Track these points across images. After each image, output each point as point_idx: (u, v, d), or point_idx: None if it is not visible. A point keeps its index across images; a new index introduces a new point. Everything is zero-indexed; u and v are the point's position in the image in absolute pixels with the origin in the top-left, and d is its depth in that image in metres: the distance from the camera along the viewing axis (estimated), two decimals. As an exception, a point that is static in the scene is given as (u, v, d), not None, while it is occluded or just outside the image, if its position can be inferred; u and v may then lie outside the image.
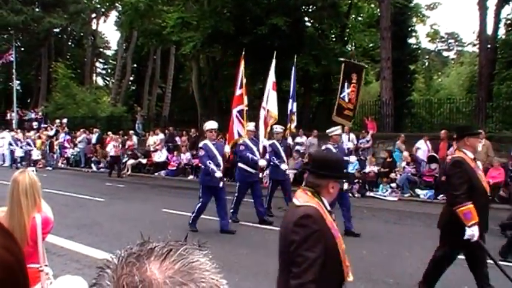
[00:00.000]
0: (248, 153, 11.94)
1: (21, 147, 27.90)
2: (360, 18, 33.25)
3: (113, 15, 46.61)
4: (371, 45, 32.81)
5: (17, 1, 43.01)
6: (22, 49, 47.86)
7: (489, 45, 24.65)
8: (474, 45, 40.21)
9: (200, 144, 11.08)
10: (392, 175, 17.36)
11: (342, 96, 11.93)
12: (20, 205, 3.80)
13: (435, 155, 17.14)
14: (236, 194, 12.08)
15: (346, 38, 31.53)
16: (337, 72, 28.54)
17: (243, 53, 12.98)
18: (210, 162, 10.44)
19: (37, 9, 45.71)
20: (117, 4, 32.93)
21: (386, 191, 16.89)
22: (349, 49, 31.45)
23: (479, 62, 25.51)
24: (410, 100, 29.43)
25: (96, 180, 22.29)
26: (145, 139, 26.94)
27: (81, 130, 29.49)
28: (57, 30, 49.28)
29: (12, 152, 27.79)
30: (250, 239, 10.14)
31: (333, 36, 30.51)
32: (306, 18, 28.49)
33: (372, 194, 17.01)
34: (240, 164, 12.12)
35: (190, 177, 22.68)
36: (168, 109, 42.23)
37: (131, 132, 27.56)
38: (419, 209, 14.29)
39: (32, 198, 3.89)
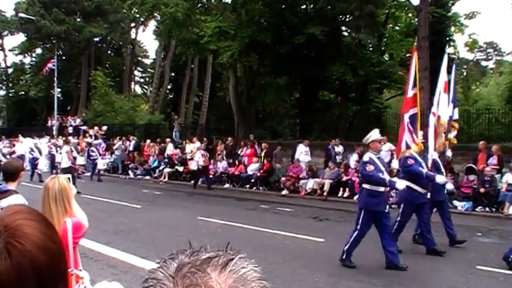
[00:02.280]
0: (419, 167, 9.92)
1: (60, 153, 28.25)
2: (397, 28, 32.94)
3: (152, 24, 47.42)
4: (408, 54, 32.49)
5: (60, 11, 44.01)
6: (63, 58, 48.92)
7: (530, 55, 24.17)
8: (514, 54, 39.45)
9: (366, 158, 8.99)
10: (430, 186, 17.11)
11: None
12: (50, 211, 3.86)
13: (473, 166, 16.84)
14: (399, 218, 10.00)
15: (383, 48, 31.30)
16: (374, 81, 28.57)
17: (415, 43, 11.03)
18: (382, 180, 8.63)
19: (78, 19, 46.72)
20: (155, 14, 33.37)
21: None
22: (386, 59, 31.12)
23: (520, 72, 25.02)
24: (448, 110, 28.97)
25: (134, 187, 22.56)
26: (183, 147, 27.16)
27: (118, 138, 29.94)
28: (97, 39, 50.28)
29: (52, 158, 27.91)
30: (286, 249, 10.11)
31: (370, 45, 30.33)
32: (343, 28, 28.40)
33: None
34: (407, 182, 9.60)
35: (227, 185, 22.77)
36: (205, 117, 42.55)
37: (168, 140, 27.87)
38: (457, 221, 13.99)
39: (61, 204, 3.95)
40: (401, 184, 8.79)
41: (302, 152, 21.63)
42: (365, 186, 8.91)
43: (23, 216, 1.11)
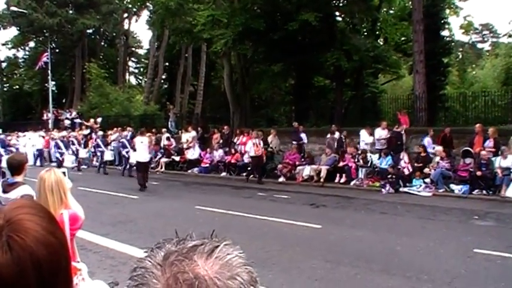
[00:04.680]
0: None
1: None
2: (391, 12, 32.87)
3: (145, 14, 47.35)
4: (403, 38, 32.44)
5: (52, 4, 43.80)
6: (57, 50, 48.81)
7: (525, 36, 24.16)
8: (510, 36, 39.42)
9: None
10: (426, 170, 17.12)
11: None
12: (47, 201, 3.86)
13: (470, 149, 16.85)
14: None
15: (377, 32, 31.24)
16: (369, 66, 28.55)
17: None
18: None
19: (71, 11, 46.54)
20: (148, 3, 33.23)
21: (420, 186, 16.65)
22: (381, 43, 31.07)
23: (515, 53, 25.05)
24: (444, 94, 29.01)
25: (130, 178, 22.51)
26: (178, 137, 27.12)
27: (115, 129, 29.83)
28: (90, 31, 50.17)
29: (76, 153, 25.97)
30: (283, 236, 10.14)
31: (364, 30, 30.27)
32: (337, 13, 28.31)
33: (405, 189, 16.77)
34: None
35: (223, 174, 22.77)
36: (201, 106, 42.55)
37: (164, 130, 27.83)
38: (454, 204, 14.11)
39: (57, 195, 3.97)
40: None
41: (365, 141, 20.12)
42: None
43: (26, 211, 1.12)
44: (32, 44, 53.06)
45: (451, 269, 7.59)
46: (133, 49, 57.74)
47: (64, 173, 4.38)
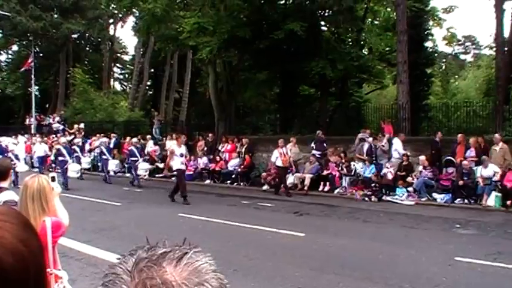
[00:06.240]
0: None
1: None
2: (376, 22, 33.08)
3: (130, 20, 47.13)
4: (387, 48, 32.66)
5: (36, 7, 43.46)
6: (41, 55, 48.37)
7: (506, 48, 24.44)
8: (491, 48, 39.76)
9: None
10: (409, 179, 17.24)
11: None
12: (27, 209, 3.82)
13: (452, 158, 17.01)
14: None
15: (362, 42, 31.43)
16: (354, 76, 28.71)
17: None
18: None
19: (55, 16, 46.10)
20: (134, 9, 33.12)
21: (403, 194, 16.76)
22: (365, 53, 31.25)
23: (496, 65, 25.34)
24: (427, 104, 29.30)
25: (114, 185, 22.41)
26: (163, 143, 27.02)
27: (98, 135, 29.65)
28: (75, 35, 49.72)
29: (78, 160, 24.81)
30: (266, 244, 10.14)
31: (349, 40, 30.43)
32: (322, 23, 28.45)
33: (388, 198, 16.88)
34: None
35: (207, 181, 22.73)
36: (185, 113, 42.38)
37: (148, 136, 27.72)
38: (436, 213, 14.22)
39: (38, 203, 3.91)
40: None
41: (397, 149, 18.50)
42: None
43: None
44: (15, 47, 52.52)
45: (432, 276, 7.65)
46: (118, 55, 57.39)
47: (53, 177, 4.35)
